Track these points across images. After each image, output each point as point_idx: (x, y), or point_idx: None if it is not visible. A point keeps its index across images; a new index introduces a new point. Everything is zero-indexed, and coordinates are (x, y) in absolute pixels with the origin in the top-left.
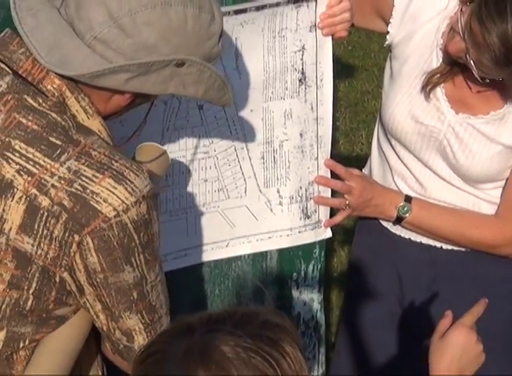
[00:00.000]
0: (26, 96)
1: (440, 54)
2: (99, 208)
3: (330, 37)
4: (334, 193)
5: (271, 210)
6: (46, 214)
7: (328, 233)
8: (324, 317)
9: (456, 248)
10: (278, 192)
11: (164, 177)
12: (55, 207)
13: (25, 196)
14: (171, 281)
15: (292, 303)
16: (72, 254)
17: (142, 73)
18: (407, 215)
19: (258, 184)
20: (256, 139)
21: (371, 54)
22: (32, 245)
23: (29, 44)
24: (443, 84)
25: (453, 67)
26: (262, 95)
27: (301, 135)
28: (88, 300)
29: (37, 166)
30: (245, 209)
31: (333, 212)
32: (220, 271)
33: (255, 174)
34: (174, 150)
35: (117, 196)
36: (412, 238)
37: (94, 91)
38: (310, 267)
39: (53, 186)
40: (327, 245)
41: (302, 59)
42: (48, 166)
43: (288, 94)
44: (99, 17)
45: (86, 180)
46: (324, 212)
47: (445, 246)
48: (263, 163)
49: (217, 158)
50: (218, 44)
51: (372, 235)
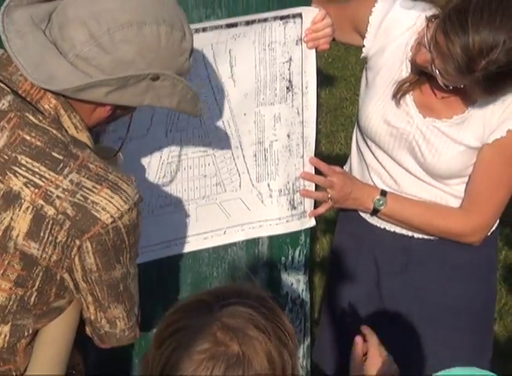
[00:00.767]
0: (27, 114)
1: (409, 65)
2: (99, 216)
3: (314, 49)
4: (318, 188)
5: (262, 202)
6: (51, 222)
7: (312, 222)
8: (309, 296)
9: (426, 237)
10: (268, 186)
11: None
12: (59, 215)
13: (32, 206)
14: (177, 264)
15: (281, 284)
16: (73, 256)
17: (121, 86)
18: (382, 208)
19: (251, 179)
20: (249, 140)
21: (349, 66)
22: (38, 250)
23: (17, 63)
24: (412, 91)
25: (420, 77)
26: (254, 100)
27: (289, 136)
28: (82, 294)
29: (42, 179)
30: (239, 201)
31: (316, 204)
32: (217, 255)
33: (248, 170)
34: (176, 149)
35: (114, 204)
36: (387, 228)
37: (80, 105)
38: (297, 252)
39: (58, 197)
40: (311, 233)
41: (289, 69)
42: (52, 179)
43: (277, 100)
44: (81, 37)
45: (87, 191)
46: (309, 204)
47: (417, 235)
48: (255, 160)
49: (214, 156)
50: (189, 59)
51: (352, 225)
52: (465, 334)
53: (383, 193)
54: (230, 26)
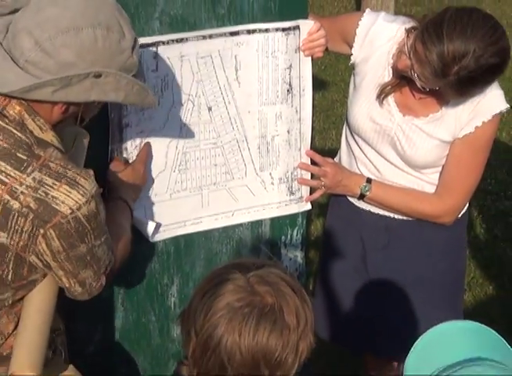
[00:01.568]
0: None
1: (391, 71)
2: (58, 208)
3: (310, 57)
4: (313, 176)
5: (265, 188)
6: (17, 214)
7: (308, 206)
8: (305, 270)
9: (405, 218)
10: (270, 175)
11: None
12: (23, 209)
13: None
14: (191, 241)
15: (281, 259)
16: (38, 243)
17: (65, 85)
18: (368, 193)
19: (255, 168)
20: (253, 134)
21: (339, 72)
22: (6, 238)
23: None
24: (393, 93)
25: (401, 80)
26: (258, 100)
27: (288, 131)
28: (54, 271)
29: (8, 177)
30: (245, 188)
31: (311, 191)
32: (226, 234)
33: (253, 160)
34: (190, 141)
35: (72, 198)
36: (372, 210)
37: (39, 107)
38: (295, 232)
39: (22, 193)
40: (307, 215)
41: (290, 74)
42: (17, 177)
43: (279, 100)
44: (28, 44)
45: (47, 187)
46: (305, 190)
47: (397, 216)
48: (259, 152)
49: (223, 148)
50: (132, 56)
51: (341, 208)
52: (440, 302)
53: (368, 181)
54: (233, 34)
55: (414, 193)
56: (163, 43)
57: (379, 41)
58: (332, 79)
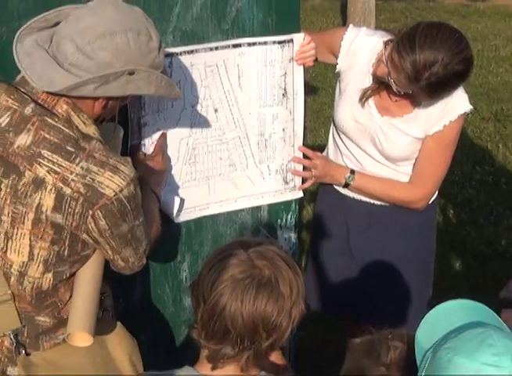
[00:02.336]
0: (46, 117)
1: (371, 77)
2: (104, 192)
3: (302, 66)
4: (305, 168)
5: (263, 179)
6: (69, 199)
7: (300, 194)
8: (298, 249)
9: (384, 204)
10: (268, 167)
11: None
12: (74, 193)
13: (54, 188)
14: (200, 224)
15: (277, 239)
16: (88, 222)
17: (104, 82)
18: (352, 182)
19: (255, 161)
20: (253, 132)
21: (327, 79)
22: (62, 219)
23: (25, 75)
24: (373, 96)
25: (380, 85)
26: (257, 103)
27: (284, 130)
28: (102, 245)
29: (60, 167)
30: (247, 178)
31: (303, 181)
32: (230, 218)
33: (253, 155)
34: (198, 138)
35: (115, 182)
36: (355, 197)
37: (82, 103)
38: (289, 216)
39: (72, 180)
40: (300, 202)
41: (285, 80)
42: (68, 167)
43: (275, 103)
44: (70, 49)
45: (94, 174)
46: (298, 180)
47: (377, 202)
48: (258, 148)
49: (227, 144)
50: (159, 55)
51: (329, 195)
52: (413, 276)
53: (352, 172)
54: (236, 46)
55: (391, 183)
56: (176, 54)
57: (361, 52)
58: (321, 85)
